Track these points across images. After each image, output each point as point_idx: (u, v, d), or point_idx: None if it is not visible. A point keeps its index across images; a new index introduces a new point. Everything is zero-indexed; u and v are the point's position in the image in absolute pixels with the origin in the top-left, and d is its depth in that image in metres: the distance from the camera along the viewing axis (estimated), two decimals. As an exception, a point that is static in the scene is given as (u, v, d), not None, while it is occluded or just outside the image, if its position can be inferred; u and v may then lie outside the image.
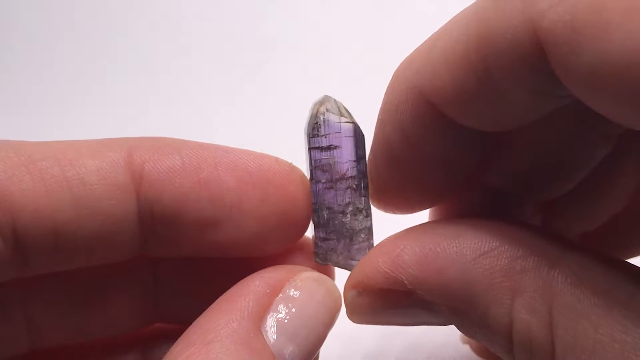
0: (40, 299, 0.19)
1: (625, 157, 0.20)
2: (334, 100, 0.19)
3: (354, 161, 0.19)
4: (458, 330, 0.18)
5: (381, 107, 0.18)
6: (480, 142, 0.18)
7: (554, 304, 0.15)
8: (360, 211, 0.19)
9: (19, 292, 0.19)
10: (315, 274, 0.18)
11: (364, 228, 0.19)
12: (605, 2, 0.11)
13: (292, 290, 0.18)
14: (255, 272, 0.18)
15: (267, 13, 0.51)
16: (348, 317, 0.19)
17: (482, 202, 0.20)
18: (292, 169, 0.19)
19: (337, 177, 0.19)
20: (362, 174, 0.19)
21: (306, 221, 0.20)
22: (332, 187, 0.19)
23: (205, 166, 0.18)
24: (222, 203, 0.18)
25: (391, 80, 0.18)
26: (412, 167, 0.18)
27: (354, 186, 0.19)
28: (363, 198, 0.19)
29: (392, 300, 0.18)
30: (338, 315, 0.19)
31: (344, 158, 0.19)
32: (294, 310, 0.17)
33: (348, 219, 0.19)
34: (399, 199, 0.19)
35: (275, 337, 0.17)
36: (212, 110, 0.47)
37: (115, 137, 0.19)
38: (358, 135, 0.19)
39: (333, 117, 0.19)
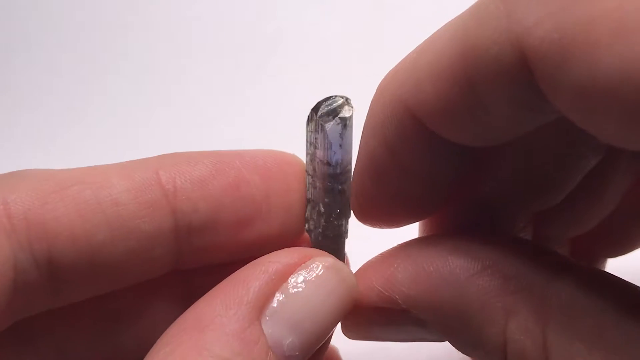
0: (71, 325, 0.19)
1: (615, 164, 0.20)
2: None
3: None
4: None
5: (365, 121, 0.18)
6: (466, 156, 0.17)
7: (547, 325, 0.15)
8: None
9: (49, 321, 0.19)
10: (330, 260, 0.18)
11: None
12: (594, 21, 0.11)
13: (301, 276, 0.17)
14: (264, 256, 0.18)
15: (268, 13, 0.51)
16: (343, 332, 0.19)
17: (473, 215, 0.19)
18: (299, 158, 0.20)
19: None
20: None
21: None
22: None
23: (230, 170, 0.19)
24: (253, 200, 0.19)
25: (376, 93, 0.17)
26: (397, 181, 0.18)
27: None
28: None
29: (386, 317, 0.18)
30: (351, 307, 0.18)
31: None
32: (298, 298, 0.17)
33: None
34: (384, 214, 0.19)
35: (274, 327, 0.16)
36: (213, 110, 0.47)
37: (137, 159, 0.19)
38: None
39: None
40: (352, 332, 0.19)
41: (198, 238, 0.18)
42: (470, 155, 0.17)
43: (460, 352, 0.17)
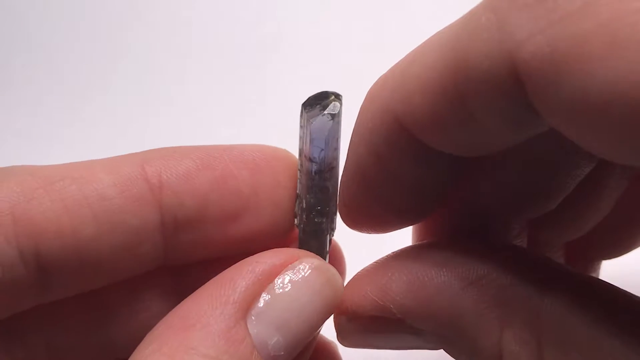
0: (60, 321, 0.19)
1: (610, 169, 0.20)
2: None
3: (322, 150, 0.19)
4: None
5: (354, 129, 0.18)
6: (456, 164, 0.17)
7: (543, 336, 0.14)
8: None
9: (38, 317, 0.19)
10: (316, 261, 0.18)
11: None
12: (587, 35, 0.11)
13: (287, 277, 0.17)
14: (252, 256, 0.18)
15: (267, 13, 0.51)
16: (338, 341, 0.19)
17: (467, 222, 0.19)
18: (289, 153, 0.20)
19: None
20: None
21: None
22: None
23: (218, 164, 0.19)
24: (241, 195, 0.19)
25: (365, 100, 0.17)
26: (385, 188, 0.17)
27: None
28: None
29: (382, 326, 0.17)
30: (336, 308, 0.18)
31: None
32: (285, 298, 0.17)
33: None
34: (371, 220, 0.19)
35: (259, 327, 0.16)
36: (212, 109, 0.47)
37: (124, 154, 0.19)
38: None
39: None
40: (347, 340, 0.19)
41: (185, 233, 0.19)
42: (460, 163, 0.17)
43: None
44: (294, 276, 0.17)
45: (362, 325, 0.18)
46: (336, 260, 0.21)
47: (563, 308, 0.14)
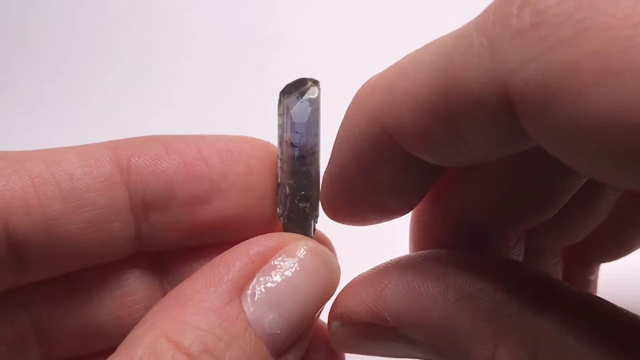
0: (44, 302, 0.19)
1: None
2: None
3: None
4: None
5: (340, 132, 0.18)
6: (439, 170, 0.17)
7: (538, 353, 0.14)
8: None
9: (23, 297, 0.19)
10: (312, 243, 0.18)
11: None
12: (579, 62, 0.11)
13: (282, 258, 0.17)
14: (247, 240, 0.18)
15: (268, 13, 0.51)
16: (332, 345, 0.19)
17: (463, 232, 0.19)
18: (270, 145, 0.20)
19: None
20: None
21: None
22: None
23: (189, 150, 0.19)
24: (209, 178, 0.19)
25: (352, 105, 0.17)
26: (367, 190, 0.18)
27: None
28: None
29: (375, 334, 0.18)
30: (334, 290, 0.18)
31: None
32: (279, 279, 0.17)
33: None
34: (353, 216, 0.19)
35: (254, 306, 0.16)
36: (212, 110, 0.47)
37: (99, 142, 0.20)
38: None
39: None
40: (340, 345, 0.19)
41: (155, 214, 0.19)
42: (443, 168, 0.17)
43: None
44: (289, 257, 0.18)
45: (356, 331, 0.18)
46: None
47: (559, 326, 0.14)
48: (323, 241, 0.21)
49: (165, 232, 0.19)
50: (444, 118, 0.14)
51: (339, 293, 0.19)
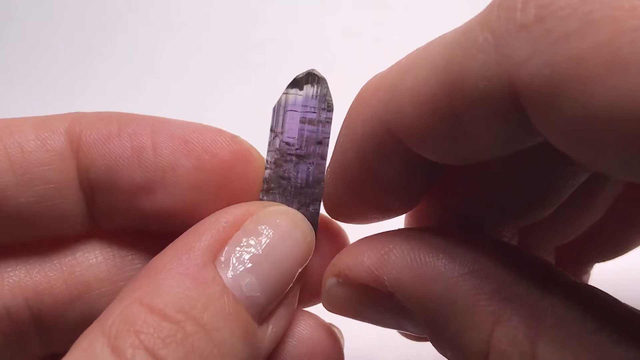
0: (45, 296, 0.19)
1: (603, 178, 0.20)
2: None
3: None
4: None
5: (342, 130, 0.18)
6: (441, 168, 0.17)
7: (539, 339, 0.14)
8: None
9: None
10: (282, 207, 0.18)
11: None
12: (585, 55, 0.11)
13: (254, 223, 0.17)
14: (217, 211, 0.18)
15: (267, 13, 0.51)
16: (323, 305, 0.19)
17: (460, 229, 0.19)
18: (237, 142, 0.19)
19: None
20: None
21: (248, 194, 0.19)
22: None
23: (142, 134, 0.18)
24: (154, 168, 0.18)
25: (354, 105, 0.17)
26: (370, 191, 0.17)
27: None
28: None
29: (371, 298, 0.17)
30: (310, 251, 0.18)
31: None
32: (253, 242, 0.17)
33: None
34: (354, 215, 0.19)
35: (230, 270, 0.16)
36: (212, 110, 0.47)
37: (63, 113, 0.19)
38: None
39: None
40: (332, 304, 0.18)
41: (100, 195, 0.19)
42: (445, 166, 0.17)
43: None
44: (261, 222, 0.17)
45: (350, 292, 0.18)
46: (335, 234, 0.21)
47: (562, 313, 0.14)
48: (337, 233, 0.21)
49: (112, 213, 0.19)
50: (448, 115, 0.14)
51: (341, 251, 0.18)
